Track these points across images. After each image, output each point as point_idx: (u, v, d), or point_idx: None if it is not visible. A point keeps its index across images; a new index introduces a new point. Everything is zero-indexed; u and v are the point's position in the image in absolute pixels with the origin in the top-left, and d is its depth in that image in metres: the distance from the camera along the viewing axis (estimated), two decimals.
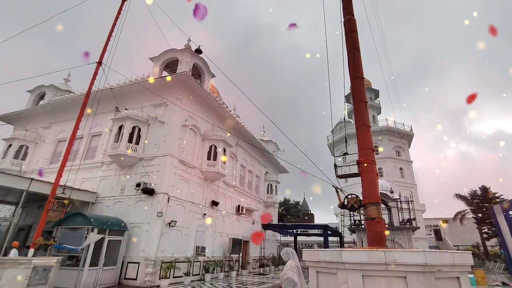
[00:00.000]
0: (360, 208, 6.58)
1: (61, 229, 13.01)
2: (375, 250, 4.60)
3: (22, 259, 9.31)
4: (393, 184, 31.38)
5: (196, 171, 18.31)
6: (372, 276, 4.47)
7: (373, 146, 6.82)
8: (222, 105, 21.15)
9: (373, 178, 6.28)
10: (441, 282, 4.32)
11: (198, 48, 18.93)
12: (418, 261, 4.16)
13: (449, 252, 4.58)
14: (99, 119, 18.79)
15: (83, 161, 18.01)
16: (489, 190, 39.45)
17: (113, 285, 13.25)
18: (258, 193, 28.67)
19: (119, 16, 12.64)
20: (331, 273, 5.05)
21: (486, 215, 36.15)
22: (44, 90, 23.99)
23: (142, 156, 16.42)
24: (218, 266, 18.39)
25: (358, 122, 6.94)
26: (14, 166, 20.05)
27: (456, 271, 4.57)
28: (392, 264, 4.29)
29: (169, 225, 15.18)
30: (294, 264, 5.37)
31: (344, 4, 8.01)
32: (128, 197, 15.87)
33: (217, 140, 19.59)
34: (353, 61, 7.34)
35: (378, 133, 39.15)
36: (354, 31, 7.62)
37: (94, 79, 11.74)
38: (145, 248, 14.16)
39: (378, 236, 5.82)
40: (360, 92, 7.10)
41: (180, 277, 15.13)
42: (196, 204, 17.85)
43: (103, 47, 12.10)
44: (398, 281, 4.29)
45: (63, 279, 11.35)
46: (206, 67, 20.63)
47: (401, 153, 40.04)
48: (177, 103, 17.17)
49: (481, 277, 17.76)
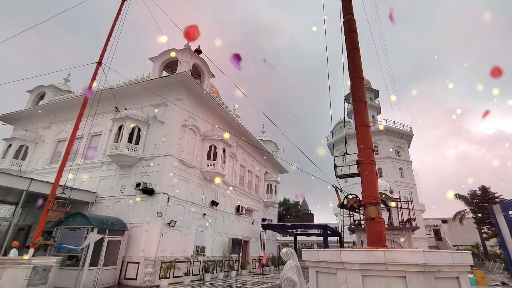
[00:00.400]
0: (359, 208, 6.58)
1: (61, 229, 13.01)
2: (374, 250, 4.60)
3: (22, 259, 9.31)
4: (392, 184, 31.38)
5: (196, 171, 18.32)
6: (372, 276, 4.47)
7: (373, 146, 6.83)
8: (222, 105, 21.15)
9: (372, 178, 6.28)
10: (440, 282, 4.32)
11: (198, 48, 18.97)
12: (417, 261, 4.15)
13: (448, 252, 4.58)
14: (99, 119, 18.78)
15: (83, 161, 18.02)
16: (489, 190, 39.54)
17: (113, 285, 13.25)
18: (258, 193, 28.67)
19: (119, 16, 12.65)
20: (330, 273, 5.05)
21: (486, 215, 36.21)
22: (44, 90, 23.99)
23: (142, 156, 16.42)
24: (218, 266, 18.40)
25: (358, 122, 6.93)
26: (14, 166, 20.04)
27: (456, 271, 4.56)
28: (392, 264, 4.29)
29: (168, 225, 15.19)
30: (294, 264, 5.38)
31: (343, 4, 8.01)
32: (128, 197, 15.87)
33: (216, 140, 19.60)
34: (352, 61, 7.34)
35: (378, 133, 39.17)
36: (353, 31, 7.62)
37: (94, 79, 11.74)
38: (145, 248, 14.16)
39: (377, 236, 5.82)
40: (359, 92, 7.09)
41: (180, 277, 15.14)
42: (196, 204, 17.86)
43: (103, 47, 12.10)
44: (397, 281, 4.29)
45: (63, 279, 11.35)
46: (205, 67, 20.62)
47: (400, 153, 40.07)
48: (177, 103, 17.17)
49: (480, 277, 17.78)
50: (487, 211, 34.79)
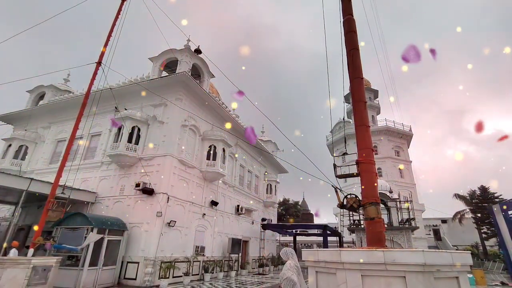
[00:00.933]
0: (359, 208, 6.59)
1: (61, 229, 13.01)
2: (374, 250, 4.62)
3: (21, 259, 9.32)
4: (392, 184, 31.39)
5: (195, 171, 18.32)
6: (371, 276, 4.48)
7: (372, 146, 6.84)
8: (222, 105, 21.15)
9: (372, 178, 6.30)
10: (440, 282, 4.32)
11: (198, 48, 18.99)
12: (417, 261, 4.16)
13: (448, 252, 4.60)
14: (99, 119, 18.78)
15: (82, 161, 18.02)
16: (488, 190, 39.57)
17: (113, 285, 13.25)
18: (258, 193, 28.69)
19: (118, 16, 12.64)
20: (330, 273, 5.07)
21: (485, 215, 36.25)
22: (44, 90, 23.99)
23: (142, 156, 16.43)
24: (218, 266, 18.40)
25: (357, 122, 6.94)
26: (14, 166, 20.05)
27: (455, 271, 4.58)
28: (391, 264, 4.30)
29: (168, 225, 15.19)
30: (294, 264, 5.37)
31: (343, 4, 8.02)
32: (127, 197, 15.88)
33: (216, 140, 19.60)
34: (352, 61, 7.36)
35: (377, 133, 39.20)
36: (353, 32, 7.64)
37: (94, 79, 11.74)
38: (144, 248, 14.17)
39: (377, 236, 5.84)
40: (359, 92, 7.11)
41: (179, 277, 15.14)
42: (195, 204, 17.86)
43: (102, 47, 12.10)
44: (397, 281, 4.30)
45: (63, 279, 11.35)
46: (205, 67, 20.63)
47: (400, 153, 40.11)
48: (176, 103, 17.17)
49: (480, 277, 17.79)
50: (486, 211, 34.83)
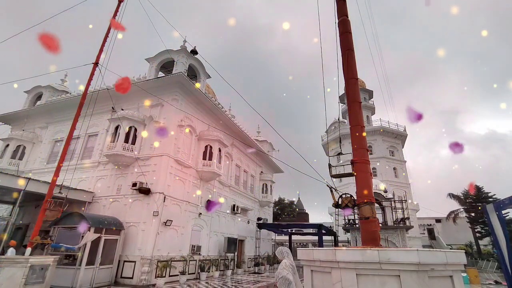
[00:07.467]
0: (354, 208, 6.69)
1: (58, 228, 13.04)
2: (369, 249, 4.66)
3: (19, 258, 9.34)
4: (387, 183, 31.60)
5: (191, 171, 18.36)
6: (366, 275, 4.52)
7: (367, 146, 6.94)
8: (218, 106, 21.20)
9: (367, 177, 6.39)
10: (434, 281, 4.36)
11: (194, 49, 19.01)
12: (411, 260, 4.20)
13: (442, 251, 4.61)
14: (96, 119, 18.78)
15: (79, 161, 18.03)
16: (482, 189, 39.89)
17: (110, 283, 13.28)
18: (253, 192, 28.75)
19: (115, 17, 12.67)
20: (325, 272, 5.11)
21: (479, 214, 36.56)
22: (41, 91, 24.02)
23: (138, 156, 16.45)
24: (214, 265, 18.48)
25: (352, 122, 7.02)
26: (12, 166, 20.05)
27: (449, 270, 4.60)
28: (386, 263, 4.36)
29: (165, 224, 15.23)
30: (289, 263, 5.43)
31: (338, 5, 8.10)
32: (124, 197, 15.90)
33: (212, 140, 19.65)
34: (347, 62, 7.44)
35: (372, 133, 39.40)
36: (348, 32, 7.70)
37: (91, 79, 11.78)
38: (141, 247, 14.22)
39: (372, 235, 5.91)
40: (354, 93, 7.19)
41: (176, 276, 15.18)
42: (191, 203, 17.92)
43: (99, 48, 12.13)
44: (391, 280, 4.33)
45: (60, 278, 11.39)
46: (201, 68, 20.66)
47: (394, 153, 40.32)
48: (173, 104, 17.22)
49: (474, 276, 18.00)
50: (480, 211, 35.11)
